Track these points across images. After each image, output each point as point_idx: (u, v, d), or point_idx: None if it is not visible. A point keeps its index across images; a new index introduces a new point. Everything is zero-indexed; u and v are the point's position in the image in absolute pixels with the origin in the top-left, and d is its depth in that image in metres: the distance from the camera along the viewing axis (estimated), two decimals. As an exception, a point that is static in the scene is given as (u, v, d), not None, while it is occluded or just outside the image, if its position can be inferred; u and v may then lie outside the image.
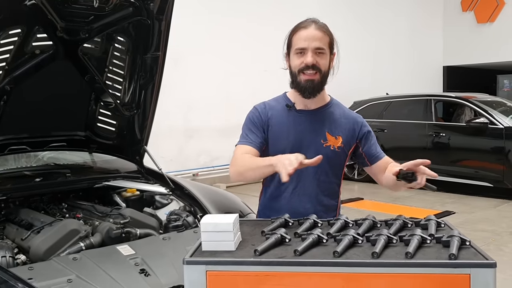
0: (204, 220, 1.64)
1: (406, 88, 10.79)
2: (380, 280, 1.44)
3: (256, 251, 1.52)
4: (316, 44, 2.01)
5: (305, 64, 2.01)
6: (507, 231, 5.85)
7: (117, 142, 3.44)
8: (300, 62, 2.03)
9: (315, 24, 2.04)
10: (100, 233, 2.58)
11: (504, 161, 7.51)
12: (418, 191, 8.23)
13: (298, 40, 2.03)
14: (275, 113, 2.14)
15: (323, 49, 2.02)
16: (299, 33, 2.03)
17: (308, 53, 2.01)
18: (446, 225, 1.77)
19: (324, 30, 2.04)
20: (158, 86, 3.16)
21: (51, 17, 2.62)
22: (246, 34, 9.14)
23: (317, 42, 2.01)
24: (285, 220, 1.83)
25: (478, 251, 1.48)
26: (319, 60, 2.02)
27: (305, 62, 2.01)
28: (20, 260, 2.37)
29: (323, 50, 2.03)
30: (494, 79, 14.24)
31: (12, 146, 3.08)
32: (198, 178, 8.15)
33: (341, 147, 2.11)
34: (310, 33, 2.01)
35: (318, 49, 2.01)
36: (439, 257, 1.45)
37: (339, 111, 2.18)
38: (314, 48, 2.01)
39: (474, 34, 13.21)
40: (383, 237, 1.55)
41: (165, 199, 3.19)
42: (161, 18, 2.89)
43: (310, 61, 2.00)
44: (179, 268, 2.23)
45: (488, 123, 7.70)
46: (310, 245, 1.56)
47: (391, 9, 12.30)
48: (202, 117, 8.61)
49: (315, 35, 2.01)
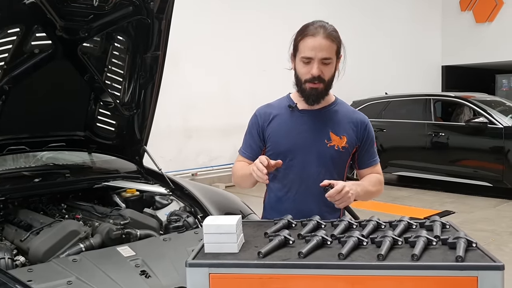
0: (206, 221, 1.62)
1: (405, 87, 10.79)
2: (386, 282, 1.42)
3: (259, 253, 1.50)
4: (323, 54, 1.99)
5: (311, 75, 2.01)
6: (507, 231, 5.84)
7: (117, 142, 3.41)
8: (305, 71, 2.02)
9: (323, 31, 1.99)
10: (100, 234, 2.55)
11: (504, 160, 7.51)
12: (417, 191, 8.24)
13: (305, 48, 2.00)
14: (277, 114, 2.15)
15: (330, 58, 2.01)
16: (307, 41, 2.00)
17: (314, 64, 1.99)
18: (451, 226, 1.75)
19: (333, 38, 2.00)
20: (158, 86, 3.13)
21: (51, 16, 2.60)
22: (246, 34, 9.13)
23: (324, 53, 1.99)
24: (288, 221, 1.81)
25: (485, 253, 1.47)
26: (325, 71, 2.02)
27: (311, 73, 2.00)
28: (19, 261, 2.34)
29: (330, 60, 2.01)
30: (492, 78, 14.25)
31: (11, 146, 3.05)
32: (197, 178, 8.14)
33: (346, 147, 2.10)
34: (317, 43, 1.98)
35: (325, 59, 2.00)
36: (445, 259, 1.44)
37: (344, 110, 2.17)
38: (320, 58, 1.99)
39: (472, 33, 13.22)
40: (388, 238, 1.53)
41: (165, 200, 3.16)
42: (161, 17, 2.87)
43: (316, 73, 2.00)
44: (180, 269, 2.22)
45: (487, 123, 7.70)
46: (314, 247, 1.54)
47: (390, 9, 12.30)
48: (201, 117, 8.60)
49: (322, 45, 1.98)
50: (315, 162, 2.07)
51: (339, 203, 1.94)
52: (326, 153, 2.07)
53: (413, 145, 8.62)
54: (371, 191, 2.15)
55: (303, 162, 2.09)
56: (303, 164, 2.09)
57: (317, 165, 2.07)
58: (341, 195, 1.91)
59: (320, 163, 2.07)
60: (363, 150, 2.17)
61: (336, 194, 1.90)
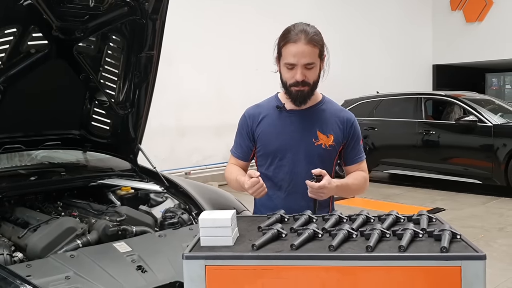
0: (202, 215, 1.67)
1: (396, 86, 10.89)
2: (374, 272, 1.48)
3: (253, 246, 1.55)
4: (305, 60, 2.03)
5: (295, 80, 2.06)
6: (496, 227, 5.94)
7: (112, 141, 3.45)
8: (290, 76, 2.07)
9: (305, 36, 2.02)
10: (97, 231, 2.59)
11: (493, 158, 7.61)
12: (409, 188, 8.33)
13: (288, 55, 2.04)
14: (266, 114, 2.21)
15: (312, 63, 2.05)
16: (289, 48, 2.03)
17: (297, 69, 2.04)
18: (437, 219, 1.81)
19: (314, 43, 2.03)
20: (152, 85, 3.17)
21: (47, 16, 2.63)
22: (238, 33, 9.17)
23: (307, 59, 2.03)
24: (281, 216, 1.87)
25: (468, 244, 1.53)
26: (309, 75, 2.07)
27: (295, 78, 2.05)
28: (17, 257, 2.37)
29: (313, 65, 2.06)
30: (482, 77, 14.41)
31: (6, 145, 3.08)
32: (191, 177, 8.16)
33: (333, 145, 2.17)
34: (299, 49, 2.01)
35: (308, 64, 2.04)
36: (431, 250, 1.50)
37: (331, 109, 2.23)
38: (303, 64, 2.04)
39: (463, 33, 13.36)
40: (377, 231, 1.60)
41: (160, 197, 3.21)
42: (155, 17, 2.91)
43: (300, 78, 2.05)
44: (175, 264, 2.27)
45: (477, 121, 7.80)
46: (306, 239, 1.60)
47: (381, 9, 12.39)
48: (194, 115, 8.63)
49: (304, 51, 2.01)
50: (304, 161, 2.14)
51: (310, 193, 2.02)
52: (314, 151, 2.13)
53: (404, 144, 8.71)
54: (351, 188, 2.23)
55: (292, 161, 2.15)
56: (292, 163, 2.15)
57: (305, 164, 2.13)
58: (316, 190, 2.00)
59: (309, 162, 2.13)
60: (349, 147, 2.23)
61: (315, 188, 1.99)
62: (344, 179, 2.21)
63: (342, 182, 2.16)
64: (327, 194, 2.05)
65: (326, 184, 1.98)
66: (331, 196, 2.24)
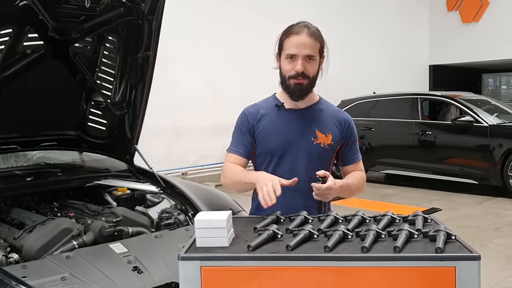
0: (198, 216, 1.67)
1: (392, 87, 10.91)
2: (370, 273, 1.49)
3: (249, 247, 1.56)
4: (306, 51, 2.06)
5: (295, 71, 2.08)
6: (492, 227, 5.96)
7: (108, 141, 3.45)
8: (290, 68, 2.09)
9: (307, 30, 2.08)
10: (93, 232, 2.59)
11: (489, 158, 7.63)
12: (405, 189, 8.34)
13: (290, 46, 2.07)
14: (265, 113, 2.21)
15: (313, 56, 2.08)
16: (291, 39, 2.08)
17: (298, 60, 2.06)
18: (432, 220, 1.82)
19: (316, 37, 2.08)
20: (148, 86, 3.17)
21: (43, 17, 2.63)
22: (234, 32, 9.17)
23: (308, 50, 2.06)
24: (276, 216, 1.88)
25: (463, 245, 1.54)
26: (309, 67, 2.09)
27: (295, 69, 2.07)
28: (12, 259, 2.37)
29: (313, 57, 2.09)
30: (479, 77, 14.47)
31: (2, 146, 3.08)
32: (187, 177, 8.16)
33: (331, 145, 2.18)
34: (301, 40, 2.06)
35: (309, 56, 2.07)
36: (426, 250, 1.51)
37: (329, 109, 2.25)
38: (304, 55, 2.06)
39: (459, 33, 13.40)
40: (372, 232, 1.60)
41: (156, 198, 3.21)
42: (151, 18, 2.91)
43: (300, 69, 2.07)
44: (171, 265, 2.27)
45: (473, 121, 7.82)
46: (301, 240, 1.60)
47: (378, 10, 12.41)
48: (190, 116, 8.62)
49: (306, 42, 2.06)
50: (303, 160, 2.14)
51: (316, 195, 2.01)
52: (313, 150, 2.14)
53: (400, 144, 8.73)
54: (352, 188, 2.23)
55: (292, 160, 2.15)
56: (291, 162, 2.15)
57: (304, 162, 2.14)
58: (323, 192, 1.98)
59: (308, 160, 2.14)
60: (347, 148, 2.25)
61: (323, 190, 1.97)
62: (345, 179, 2.22)
63: (344, 182, 2.17)
64: (332, 195, 2.04)
65: (332, 185, 1.99)
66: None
